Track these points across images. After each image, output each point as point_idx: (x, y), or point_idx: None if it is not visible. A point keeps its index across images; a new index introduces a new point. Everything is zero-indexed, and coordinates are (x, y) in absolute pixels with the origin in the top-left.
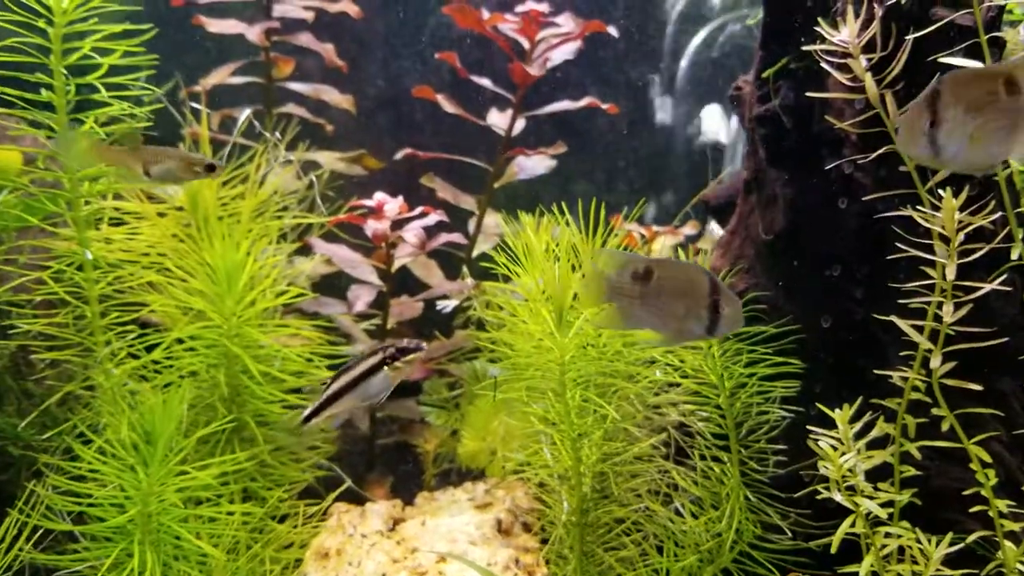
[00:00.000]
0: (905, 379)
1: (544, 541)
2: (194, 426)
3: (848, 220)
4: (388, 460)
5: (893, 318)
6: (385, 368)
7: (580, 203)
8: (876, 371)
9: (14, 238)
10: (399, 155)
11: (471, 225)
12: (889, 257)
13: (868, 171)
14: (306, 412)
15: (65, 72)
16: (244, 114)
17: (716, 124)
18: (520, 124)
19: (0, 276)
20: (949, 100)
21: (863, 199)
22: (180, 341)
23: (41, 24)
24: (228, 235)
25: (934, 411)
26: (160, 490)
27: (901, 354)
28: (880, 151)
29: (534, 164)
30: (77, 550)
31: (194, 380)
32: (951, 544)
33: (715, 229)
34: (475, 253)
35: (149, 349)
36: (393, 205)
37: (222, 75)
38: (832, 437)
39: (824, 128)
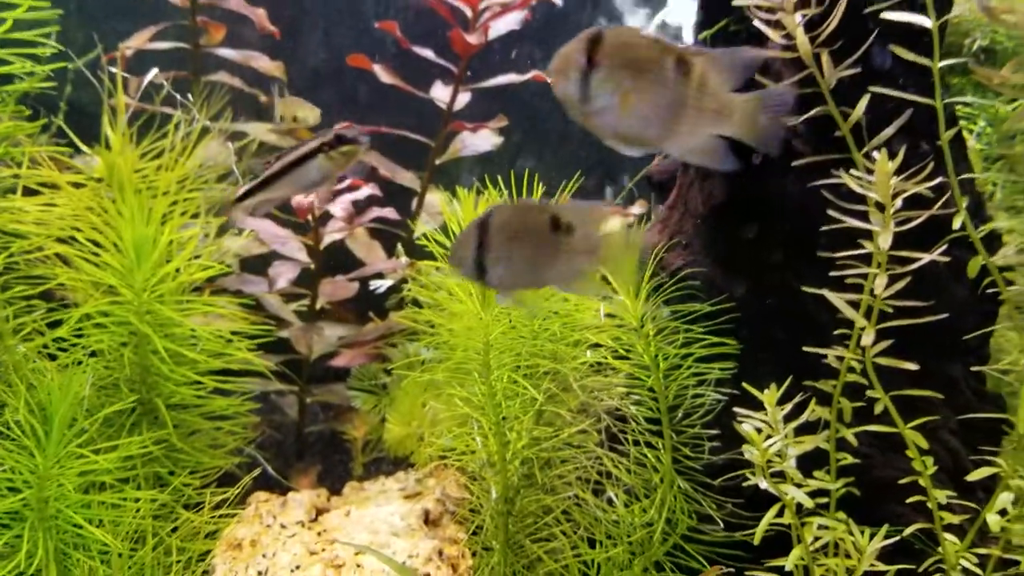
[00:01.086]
0: (840, 359)
1: (474, 533)
2: (102, 408)
3: (786, 190)
4: (318, 449)
5: (825, 292)
6: (321, 156)
7: (525, 180)
8: (812, 351)
9: None
10: (336, 128)
11: (414, 204)
12: (825, 228)
13: (807, 138)
14: (240, 191)
15: None
16: (151, 74)
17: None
18: (465, 98)
19: None
20: (608, 50)
21: (801, 168)
22: (90, 318)
23: None
24: (143, 208)
25: (869, 393)
26: (57, 473)
27: (839, 333)
28: (814, 112)
29: (479, 141)
30: None
31: (101, 359)
32: (887, 537)
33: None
34: (417, 232)
35: (56, 326)
36: None
37: (143, 39)
38: (759, 420)
39: None
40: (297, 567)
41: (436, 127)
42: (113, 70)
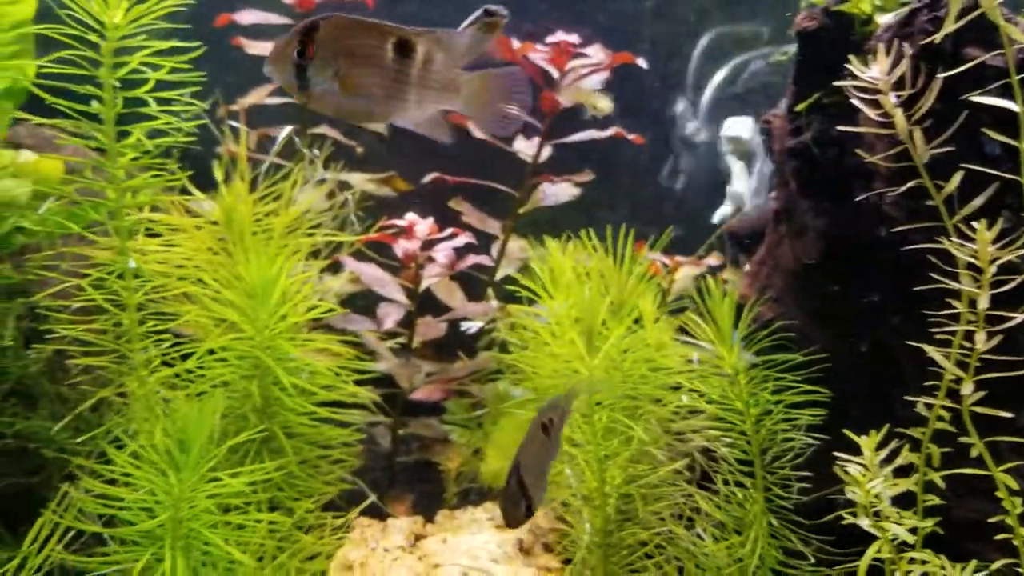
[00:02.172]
0: (930, 407)
1: (566, 562)
2: (224, 436)
3: (879, 250)
4: (408, 478)
5: (924, 347)
6: (472, 27)
7: (608, 230)
8: (903, 400)
9: (57, 245)
10: (427, 179)
11: (494, 249)
12: (918, 288)
13: (898, 203)
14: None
15: (115, 84)
16: (284, 132)
17: (740, 127)
18: (546, 152)
19: (41, 281)
20: (324, 37)
21: (893, 230)
22: (211, 352)
23: (93, 38)
24: (262, 250)
25: (962, 439)
26: (191, 496)
27: (927, 384)
28: (909, 184)
29: (559, 191)
30: (107, 553)
31: (226, 390)
32: (975, 571)
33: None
34: (498, 276)
35: (182, 359)
36: (423, 226)
37: (260, 95)
38: (859, 463)
39: (855, 161)
40: None
41: (504, 175)
42: (234, 123)
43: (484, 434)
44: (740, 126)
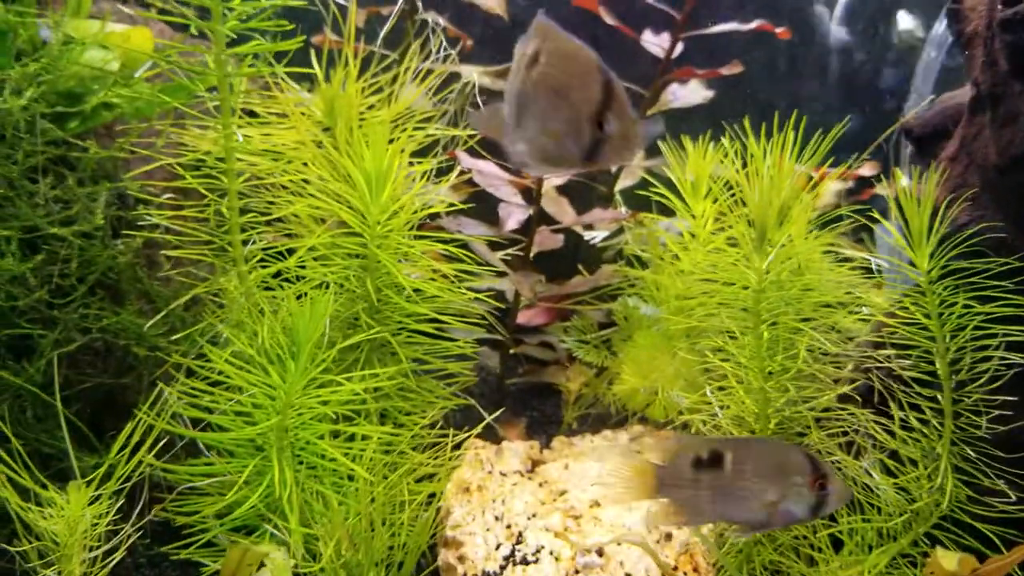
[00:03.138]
0: None
1: None
2: (331, 341)
3: None
4: (516, 401)
5: None
6: None
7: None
8: None
9: (153, 122)
10: None
11: None
12: None
13: None
14: None
15: None
16: (397, 6)
17: (911, 24)
18: (680, 47)
19: (129, 164)
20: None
21: None
22: (314, 252)
23: None
24: (373, 141)
25: None
26: (300, 402)
27: None
28: None
29: (689, 92)
30: (201, 463)
31: (336, 290)
32: None
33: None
34: (617, 188)
35: (284, 256)
36: None
37: None
38: None
39: None
40: (533, 515)
41: (633, 77)
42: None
43: (610, 353)
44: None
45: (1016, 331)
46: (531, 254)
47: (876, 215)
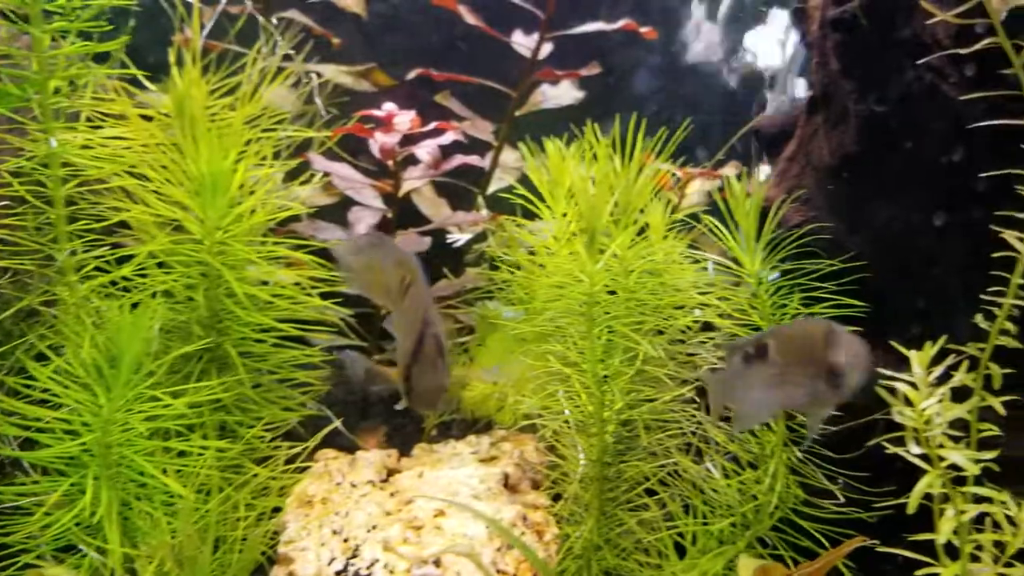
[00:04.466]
0: (992, 319)
1: (556, 498)
2: (166, 353)
3: (932, 138)
4: (383, 409)
5: (1005, 233)
6: None
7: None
8: (951, 315)
9: None
10: (412, 74)
11: (487, 160)
12: (983, 175)
13: (958, 82)
14: None
15: None
16: (248, 4)
17: (763, 45)
18: (547, 48)
19: None
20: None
21: (951, 114)
22: (156, 259)
23: None
24: (216, 142)
25: None
26: (123, 417)
27: (981, 297)
28: (978, 46)
29: (560, 93)
30: (24, 482)
31: (169, 301)
32: None
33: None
34: (491, 189)
35: (119, 264)
36: (404, 118)
37: None
38: (907, 381)
39: (909, 31)
40: (374, 527)
41: (507, 80)
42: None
43: (469, 359)
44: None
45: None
46: None
47: (705, 219)
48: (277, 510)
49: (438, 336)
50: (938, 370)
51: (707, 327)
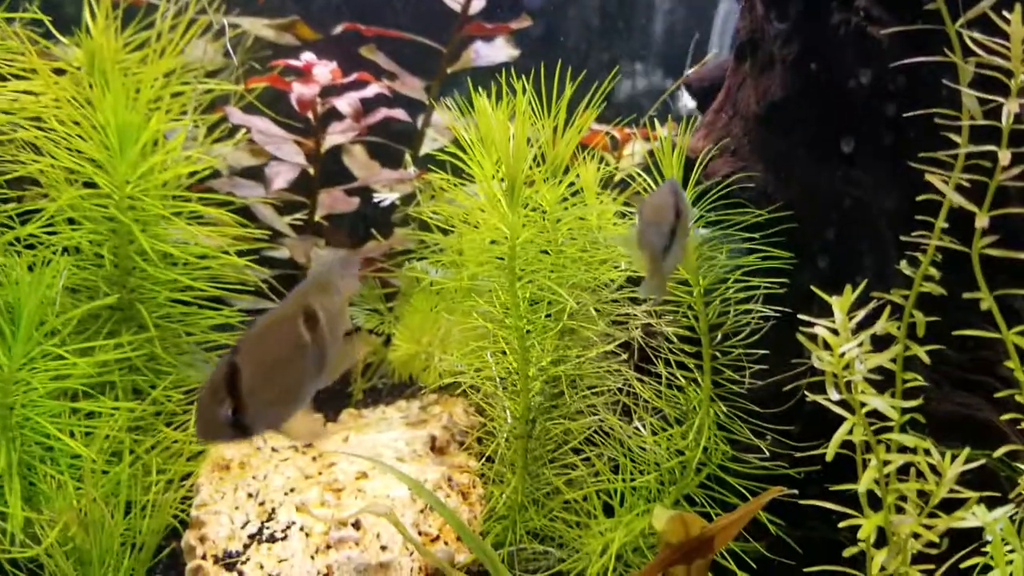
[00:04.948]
0: (916, 266)
1: (489, 460)
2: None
3: (858, 85)
4: None
5: (929, 171)
6: None
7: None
8: (879, 265)
9: None
10: (338, 28)
11: (420, 119)
12: (907, 115)
13: (885, 22)
14: None
15: None
16: None
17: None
18: (480, 4)
19: None
20: None
21: (877, 56)
22: (65, 214)
23: None
24: (128, 95)
25: (967, 296)
26: (26, 376)
27: (906, 244)
28: None
29: (493, 51)
30: None
31: (78, 257)
32: (968, 461)
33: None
34: (423, 150)
35: (24, 222)
36: (324, 69)
37: None
38: (828, 327)
39: None
40: (292, 490)
41: (439, 36)
42: None
43: (395, 318)
44: None
45: (771, 283)
46: (315, 216)
47: (639, 178)
48: (190, 474)
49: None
50: (860, 315)
51: (634, 282)
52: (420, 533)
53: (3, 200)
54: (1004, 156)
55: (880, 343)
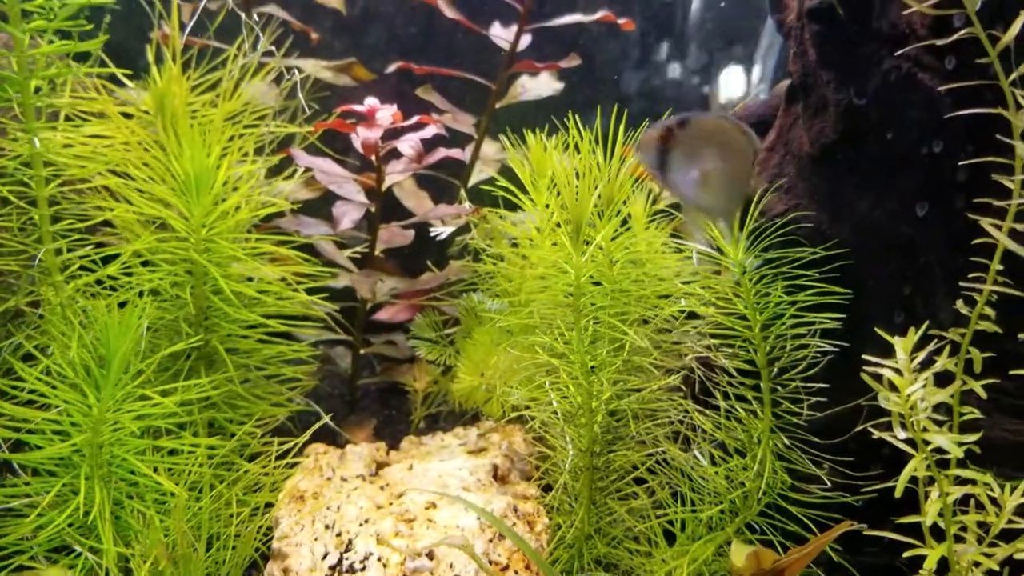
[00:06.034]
0: (972, 304)
1: (546, 489)
2: (155, 351)
3: (910, 127)
4: (372, 402)
5: (981, 220)
6: None
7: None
8: (931, 302)
9: None
10: (392, 68)
11: (467, 152)
12: (962, 163)
13: (935, 70)
14: None
15: None
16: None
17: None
18: (526, 40)
19: None
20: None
21: (929, 104)
22: (141, 257)
23: None
24: (199, 140)
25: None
26: (114, 417)
27: (962, 285)
28: (954, 37)
29: (540, 85)
30: (16, 484)
31: (156, 299)
32: None
33: None
34: (472, 181)
35: (105, 263)
36: (386, 113)
37: None
38: (892, 367)
39: (886, 22)
40: (366, 520)
41: (479, 68)
42: None
43: (455, 351)
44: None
45: (828, 319)
46: (375, 251)
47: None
48: (269, 506)
49: None
50: (921, 356)
51: (692, 316)
52: (490, 562)
53: (82, 243)
54: None
55: (937, 380)
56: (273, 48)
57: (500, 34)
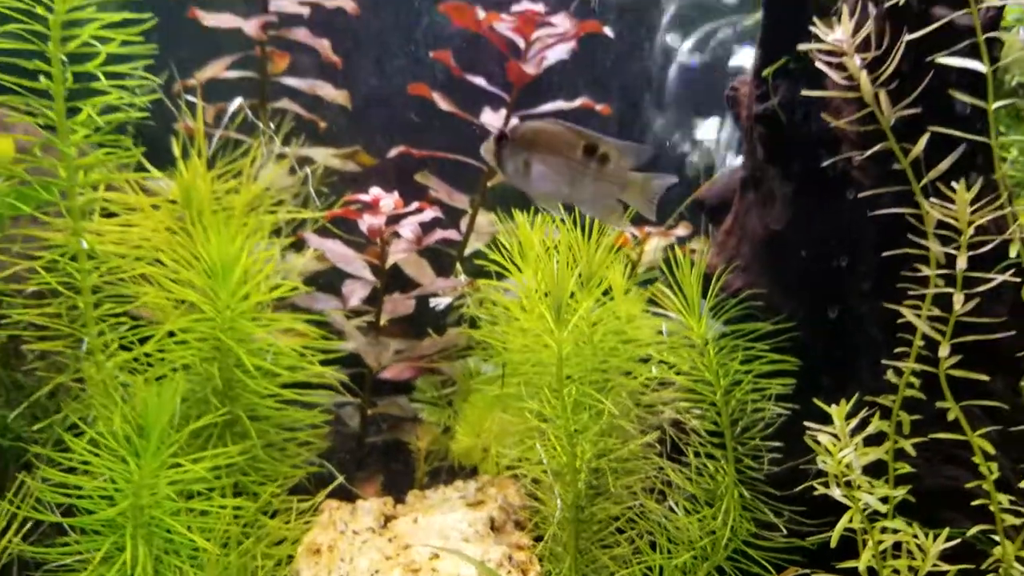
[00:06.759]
0: (900, 374)
1: (537, 539)
2: (185, 420)
3: (847, 217)
4: (378, 459)
5: (901, 308)
6: None
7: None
8: (872, 368)
9: (7, 227)
10: (392, 153)
11: (463, 224)
12: (887, 254)
13: (865, 168)
14: None
15: (63, 59)
16: (235, 103)
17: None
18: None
19: None
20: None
21: (859, 196)
22: (172, 335)
23: (40, 11)
24: (222, 228)
25: (938, 404)
26: (153, 482)
27: (896, 352)
28: (876, 148)
29: None
30: (67, 543)
31: (186, 373)
32: (948, 539)
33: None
34: (467, 251)
35: (141, 342)
36: (389, 200)
37: (217, 69)
38: (829, 433)
39: (823, 126)
40: (376, 572)
41: (472, 148)
42: (190, 97)
43: (454, 412)
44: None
45: (779, 384)
46: (380, 322)
47: (658, 284)
48: (291, 558)
49: None
50: (856, 420)
51: (664, 383)
52: None
53: (121, 324)
54: (958, 299)
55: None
56: (284, 147)
57: (490, 120)
